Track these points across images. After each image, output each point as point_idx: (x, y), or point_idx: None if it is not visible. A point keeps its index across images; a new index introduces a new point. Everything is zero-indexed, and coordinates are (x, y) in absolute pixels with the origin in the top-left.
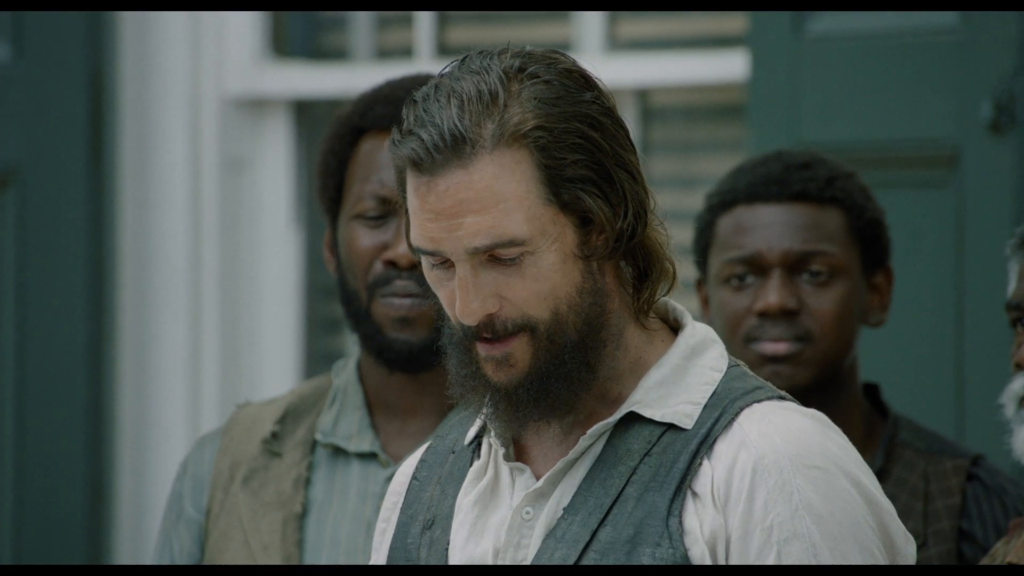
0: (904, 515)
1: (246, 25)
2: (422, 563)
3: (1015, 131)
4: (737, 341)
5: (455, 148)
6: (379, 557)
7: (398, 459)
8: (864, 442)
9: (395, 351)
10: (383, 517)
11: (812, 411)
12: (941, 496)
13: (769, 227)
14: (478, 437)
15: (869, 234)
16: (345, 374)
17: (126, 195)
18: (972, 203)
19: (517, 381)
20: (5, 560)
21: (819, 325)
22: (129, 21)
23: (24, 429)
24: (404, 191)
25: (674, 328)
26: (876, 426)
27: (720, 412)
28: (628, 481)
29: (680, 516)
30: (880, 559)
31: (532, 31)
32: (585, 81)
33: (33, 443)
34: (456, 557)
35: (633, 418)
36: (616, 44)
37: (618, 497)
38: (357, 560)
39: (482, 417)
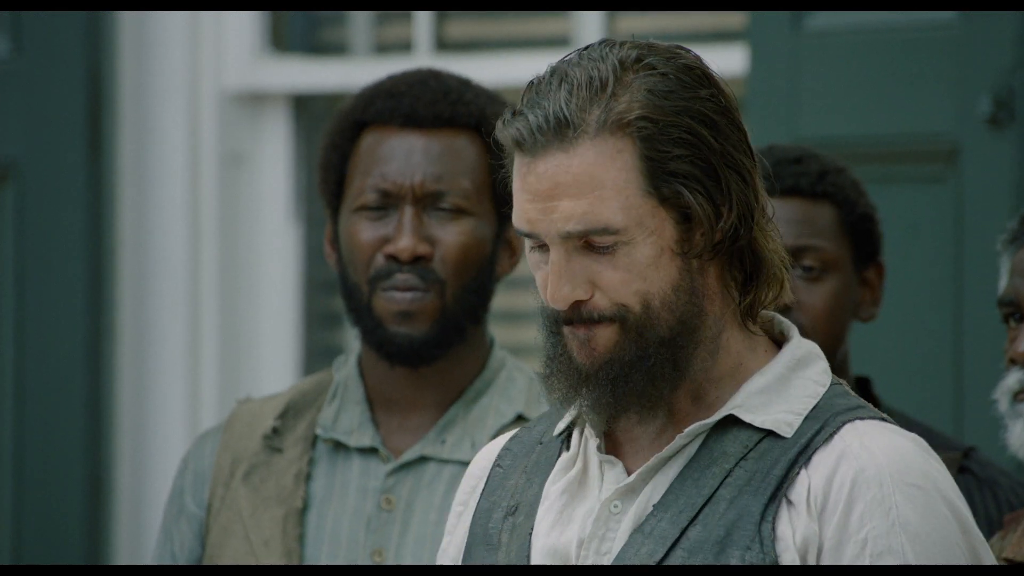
0: None
1: (245, 20)
2: (503, 548)
3: (1014, 126)
4: None
5: (558, 131)
6: (453, 539)
7: (398, 454)
8: None
9: (396, 345)
10: (460, 500)
11: (912, 434)
12: None
13: None
14: (569, 429)
15: (861, 229)
16: (346, 369)
17: (125, 190)
18: (971, 198)
19: (598, 365)
20: (4, 559)
21: (810, 320)
22: (128, 17)
23: (23, 426)
24: (511, 173)
25: (778, 341)
26: None
27: (822, 424)
28: (722, 483)
29: (773, 522)
30: None
31: (532, 27)
32: (704, 78)
33: (32, 440)
34: (539, 544)
35: (731, 422)
36: None
37: (711, 498)
38: (357, 555)
39: (575, 408)
